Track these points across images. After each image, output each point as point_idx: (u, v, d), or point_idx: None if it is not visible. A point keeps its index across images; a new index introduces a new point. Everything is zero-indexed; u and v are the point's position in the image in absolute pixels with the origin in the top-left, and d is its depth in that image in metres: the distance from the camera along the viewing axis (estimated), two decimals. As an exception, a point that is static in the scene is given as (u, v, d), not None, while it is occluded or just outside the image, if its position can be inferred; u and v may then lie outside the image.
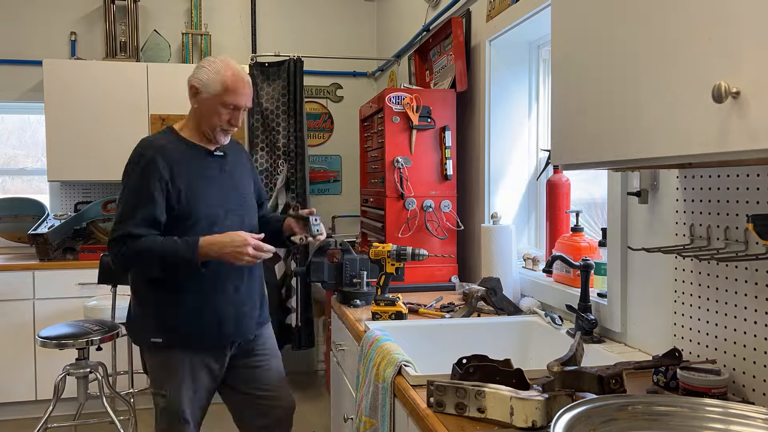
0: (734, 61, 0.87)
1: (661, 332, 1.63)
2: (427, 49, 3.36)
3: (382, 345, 1.71)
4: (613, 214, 1.82)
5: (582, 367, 1.33)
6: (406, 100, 2.74)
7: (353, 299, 2.38)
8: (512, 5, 2.44)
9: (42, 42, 4.32)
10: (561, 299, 2.07)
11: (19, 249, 4.26)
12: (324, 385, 4.33)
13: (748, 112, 0.84)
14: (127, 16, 4.31)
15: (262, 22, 4.67)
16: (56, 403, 3.01)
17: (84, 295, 3.77)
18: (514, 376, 1.32)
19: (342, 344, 2.44)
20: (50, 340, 2.91)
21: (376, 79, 4.84)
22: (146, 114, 4.07)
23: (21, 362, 3.78)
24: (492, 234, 2.42)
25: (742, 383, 1.33)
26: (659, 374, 1.44)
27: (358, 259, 2.44)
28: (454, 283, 2.73)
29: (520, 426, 1.17)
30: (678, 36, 0.97)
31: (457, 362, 1.37)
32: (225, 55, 2.12)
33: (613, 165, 1.21)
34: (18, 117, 4.55)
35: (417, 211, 2.75)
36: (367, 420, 1.68)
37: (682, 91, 0.96)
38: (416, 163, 2.76)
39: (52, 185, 4.36)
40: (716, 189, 1.40)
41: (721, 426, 1.09)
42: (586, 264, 1.84)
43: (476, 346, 1.95)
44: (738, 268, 1.34)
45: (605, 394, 1.24)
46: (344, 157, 4.82)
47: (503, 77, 2.70)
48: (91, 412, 3.52)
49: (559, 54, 1.34)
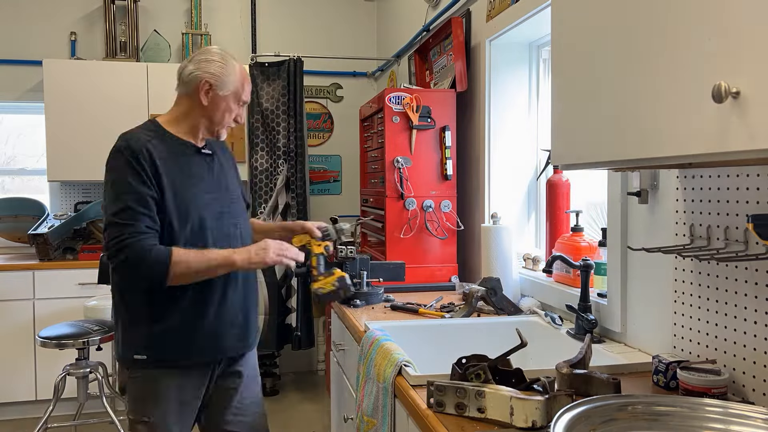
0: (734, 61, 0.87)
1: (661, 332, 1.63)
2: (427, 49, 3.36)
3: (382, 345, 1.71)
4: (613, 214, 1.82)
5: (592, 371, 1.33)
6: (406, 100, 2.74)
7: (353, 299, 2.38)
8: (512, 5, 2.44)
9: (42, 42, 4.32)
10: (561, 299, 2.07)
11: (19, 249, 4.26)
12: (324, 385, 4.33)
13: (748, 112, 0.84)
14: (127, 16, 4.31)
15: (262, 22, 4.67)
16: (56, 403, 3.01)
17: (84, 295, 3.77)
18: (513, 376, 1.32)
19: (342, 344, 2.44)
20: (50, 340, 2.91)
21: (376, 79, 4.84)
22: (146, 114, 4.07)
23: (21, 362, 3.78)
24: (492, 234, 2.42)
25: (742, 383, 1.33)
26: (659, 374, 1.45)
27: (359, 259, 2.45)
28: (454, 283, 2.73)
29: (520, 426, 1.17)
30: (678, 36, 0.97)
31: (457, 362, 1.37)
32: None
33: (613, 165, 1.21)
34: (18, 117, 4.55)
35: (417, 211, 2.75)
36: (369, 420, 1.68)
37: (682, 91, 0.96)
38: (416, 163, 2.76)
39: (52, 185, 4.36)
40: (716, 189, 1.40)
41: (721, 426, 1.09)
42: (586, 264, 1.84)
43: (476, 346, 1.94)
44: (738, 268, 1.34)
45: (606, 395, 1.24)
46: (344, 157, 4.82)
47: (503, 77, 2.70)
48: (91, 412, 3.52)
49: (559, 53, 1.34)
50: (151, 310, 1.81)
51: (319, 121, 4.81)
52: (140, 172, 1.74)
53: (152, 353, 1.82)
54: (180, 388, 1.85)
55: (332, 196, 4.84)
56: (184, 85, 1.89)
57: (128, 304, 1.85)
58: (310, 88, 4.73)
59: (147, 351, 1.82)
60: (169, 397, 1.84)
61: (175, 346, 1.82)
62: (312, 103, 4.77)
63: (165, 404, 1.83)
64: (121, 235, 1.70)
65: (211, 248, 1.81)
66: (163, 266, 1.70)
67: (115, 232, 1.71)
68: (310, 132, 4.70)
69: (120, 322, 1.87)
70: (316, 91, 4.78)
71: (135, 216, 1.72)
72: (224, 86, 1.86)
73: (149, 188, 1.74)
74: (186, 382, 1.86)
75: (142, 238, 1.70)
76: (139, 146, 1.76)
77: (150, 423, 1.82)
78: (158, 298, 1.79)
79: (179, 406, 1.85)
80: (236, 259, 1.78)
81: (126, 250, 1.69)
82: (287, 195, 4.27)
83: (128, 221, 1.71)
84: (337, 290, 2.00)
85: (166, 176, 1.77)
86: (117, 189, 1.75)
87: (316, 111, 4.80)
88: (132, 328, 1.84)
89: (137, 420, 1.84)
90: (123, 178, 1.74)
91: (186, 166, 1.85)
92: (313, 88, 4.76)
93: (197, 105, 1.88)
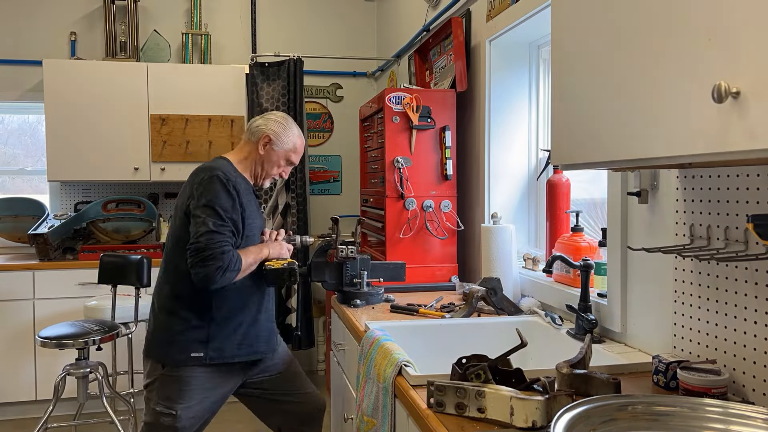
0: (734, 61, 0.87)
1: (661, 332, 1.63)
2: (427, 49, 3.36)
3: (382, 345, 1.71)
4: (613, 214, 1.82)
5: (592, 371, 1.33)
6: (406, 100, 2.74)
7: (353, 299, 2.38)
8: (512, 5, 2.44)
9: (42, 42, 4.32)
10: (561, 299, 2.07)
11: (19, 249, 4.26)
12: (324, 385, 4.32)
13: (748, 112, 0.84)
14: (127, 16, 4.31)
15: (262, 22, 4.67)
16: (56, 403, 3.01)
17: (84, 295, 3.77)
18: (513, 376, 1.32)
19: (342, 344, 2.44)
20: (50, 340, 2.90)
21: (376, 79, 4.84)
22: (146, 114, 4.07)
23: (21, 362, 3.78)
24: (492, 234, 2.42)
25: (742, 383, 1.33)
26: (659, 374, 1.45)
27: (359, 259, 2.45)
28: (454, 283, 2.73)
29: (520, 426, 1.17)
30: (678, 36, 0.97)
31: (457, 362, 1.37)
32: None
33: (613, 165, 1.21)
34: (18, 117, 4.55)
35: (417, 211, 2.75)
36: (369, 420, 1.68)
37: (682, 90, 0.96)
38: (416, 163, 2.76)
39: (52, 185, 4.36)
40: (716, 189, 1.40)
41: (721, 426, 1.09)
42: (586, 264, 1.84)
43: (476, 346, 1.95)
44: (738, 268, 1.34)
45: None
46: (344, 157, 4.82)
47: (503, 77, 2.70)
48: (91, 412, 3.52)
49: (559, 53, 1.34)
50: (213, 315, 2.08)
51: (319, 121, 4.81)
52: (233, 198, 2.05)
53: (208, 353, 2.07)
54: (214, 386, 2.11)
55: (332, 196, 4.84)
56: (251, 133, 2.25)
57: (189, 308, 2.08)
58: (310, 88, 4.73)
59: (204, 350, 2.07)
60: (199, 394, 2.08)
61: (231, 347, 2.10)
62: (312, 103, 4.77)
63: (194, 400, 2.07)
64: (220, 242, 1.98)
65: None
66: (235, 273, 2.01)
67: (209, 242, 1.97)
68: (310, 132, 4.70)
69: (172, 324, 2.09)
70: (316, 91, 4.78)
71: (224, 232, 2.01)
72: (280, 143, 2.22)
73: (236, 213, 2.06)
74: (223, 377, 2.13)
75: (228, 250, 1.99)
76: (232, 178, 2.09)
77: (176, 415, 2.05)
78: (219, 303, 2.08)
79: (207, 403, 2.11)
80: (267, 251, 2.15)
81: (221, 257, 1.96)
82: (287, 195, 4.27)
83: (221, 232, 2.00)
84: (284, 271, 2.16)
85: (243, 207, 2.10)
86: (212, 208, 2.02)
87: (316, 111, 4.80)
88: (191, 329, 2.07)
89: (163, 412, 2.06)
90: (218, 200, 2.03)
91: (250, 201, 2.18)
92: (313, 88, 4.76)
93: (254, 152, 2.23)
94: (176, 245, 2.09)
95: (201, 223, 1.99)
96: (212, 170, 2.08)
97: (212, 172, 2.07)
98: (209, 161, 2.22)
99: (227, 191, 2.04)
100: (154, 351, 2.13)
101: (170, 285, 2.12)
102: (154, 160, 4.09)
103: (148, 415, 2.12)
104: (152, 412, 2.09)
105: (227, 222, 2.02)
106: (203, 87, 4.15)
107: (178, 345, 2.07)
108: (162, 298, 2.14)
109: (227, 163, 2.18)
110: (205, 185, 2.05)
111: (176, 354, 2.07)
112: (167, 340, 2.09)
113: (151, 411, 2.10)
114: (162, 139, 4.08)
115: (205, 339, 2.07)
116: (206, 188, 2.04)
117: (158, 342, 2.12)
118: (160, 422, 2.07)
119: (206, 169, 2.11)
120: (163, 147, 4.09)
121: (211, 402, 2.14)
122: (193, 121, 4.13)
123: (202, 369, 2.08)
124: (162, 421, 2.06)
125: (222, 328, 2.09)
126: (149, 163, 4.09)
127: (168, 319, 2.10)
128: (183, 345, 2.06)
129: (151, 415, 2.10)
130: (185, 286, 2.07)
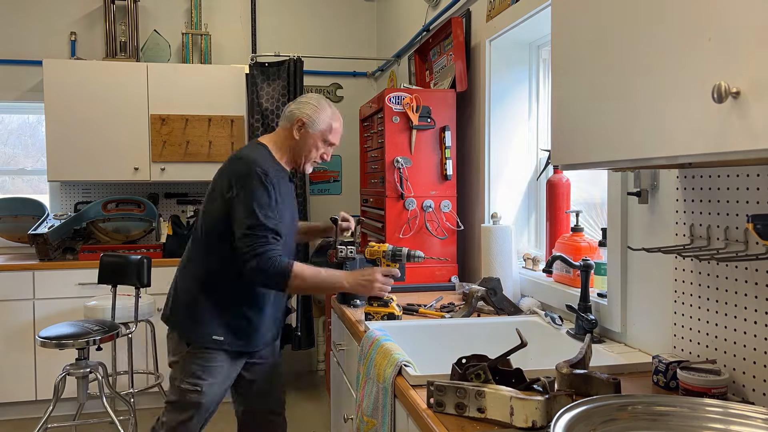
0: (734, 61, 0.87)
1: (661, 332, 1.63)
2: (427, 49, 3.36)
3: (382, 345, 1.71)
4: (613, 214, 1.82)
5: (592, 371, 1.33)
6: (406, 100, 2.74)
7: (353, 299, 2.38)
8: (512, 5, 2.44)
9: (42, 42, 4.32)
10: (561, 299, 2.07)
11: (19, 249, 4.26)
12: (324, 385, 4.33)
13: (748, 112, 0.84)
14: (127, 16, 4.31)
15: (262, 22, 4.67)
16: (56, 403, 3.01)
17: (84, 295, 3.77)
18: (513, 376, 1.32)
19: (342, 344, 2.44)
20: (50, 340, 2.91)
21: (376, 79, 4.84)
22: (146, 114, 4.07)
23: (21, 362, 3.78)
24: (492, 234, 2.42)
25: (742, 383, 1.33)
26: (659, 374, 1.45)
27: (359, 259, 2.44)
28: (454, 283, 2.73)
29: (520, 426, 1.17)
30: (678, 36, 0.97)
31: (457, 362, 1.37)
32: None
33: (613, 165, 1.21)
34: (18, 117, 4.55)
35: (417, 211, 2.75)
36: (369, 420, 1.68)
37: (682, 90, 0.96)
38: (416, 163, 2.76)
39: (52, 185, 4.36)
40: (716, 189, 1.40)
41: (721, 426, 1.09)
42: (586, 264, 1.84)
43: (476, 346, 1.95)
44: (738, 268, 1.34)
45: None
46: (344, 157, 4.82)
47: (503, 77, 2.70)
48: (91, 412, 3.52)
49: (559, 53, 1.34)
50: (238, 304, 2.16)
51: (319, 121, 4.81)
52: (270, 193, 2.06)
53: (228, 337, 2.16)
54: (230, 366, 2.21)
55: (332, 196, 4.84)
56: (285, 119, 2.25)
57: (220, 294, 2.15)
58: (310, 88, 4.73)
59: (225, 334, 2.15)
60: (221, 372, 2.18)
61: (246, 334, 2.19)
62: (312, 103, 4.77)
63: (216, 377, 2.17)
64: (253, 245, 2.01)
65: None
66: (282, 278, 2.02)
67: (248, 242, 2.01)
68: (310, 132, 4.70)
69: (201, 306, 2.15)
70: (316, 91, 4.78)
71: (265, 229, 2.02)
72: (314, 125, 2.21)
73: (275, 207, 2.07)
74: (233, 362, 2.22)
75: (268, 249, 2.01)
76: (269, 171, 2.08)
77: (201, 392, 2.15)
78: (246, 295, 2.15)
79: (224, 380, 2.21)
80: (345, 285, 2.12)
81: (256, 259, 2.00)
82: (287, 195, 4.26)
83: (260, 233, 2.02)
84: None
85: (277, 198, 2.09)
86: (251, 205, 2.04)
87: (316, 111, 4.79)
88: (217, 313, 2.15)
89: (189, 389, 2.15)
90: (256, 196, 2.04)
91: (284, 189, 2.17)
92: (313, 88, 4.75)
93: (290, 138, 2.22)
94: (213, 229, 2.13)
95: (237, 224, 2.04)
96: (251, 164, 2.08)
97: (251, 167, 2.07)
98: (247, 148, 2.22)
99: (264, 187, 2.04)
100: (180, 326, 2.20)
101: (202, 265, 2.17)
102: (154, 160, 4.09)
103: (172, 394, 2.20)
104: (177, 390, 2.17)
105: (262, 221, 2.01)
106: (203, 87, 4.15)
107: (203, 326, 2.14)
108: (188, 275, 2.20)
109: (265, 153, 2.18)
110: (245, 181, 2.06)
111: (201, 334, 2.14)
112: (193, 319, 2.16)
113: (176, 389, 2.17)
114: (162, 139, 4.08)
115: (226, 324, 2.15)
116: (241, 184, 2.05)
117: (183, 318, 2.19)
118: (186, 399, 2.15)
119: (245, 160, 2.10)
120: (163, 147, 4.09)
121: (227, 386, 2.23)
122: (193, 121, 4.13)
123: (222, 352, 2.16)
124: (188, 397, 2.14)
125: (240, 317, 2.16)
126: (149, 163, 4.09)
127: (195, 298, 2.16)
128: (207, 327, 2.14)
129: (175, 393, 2.18)
130: (215, 270, 2.14)
